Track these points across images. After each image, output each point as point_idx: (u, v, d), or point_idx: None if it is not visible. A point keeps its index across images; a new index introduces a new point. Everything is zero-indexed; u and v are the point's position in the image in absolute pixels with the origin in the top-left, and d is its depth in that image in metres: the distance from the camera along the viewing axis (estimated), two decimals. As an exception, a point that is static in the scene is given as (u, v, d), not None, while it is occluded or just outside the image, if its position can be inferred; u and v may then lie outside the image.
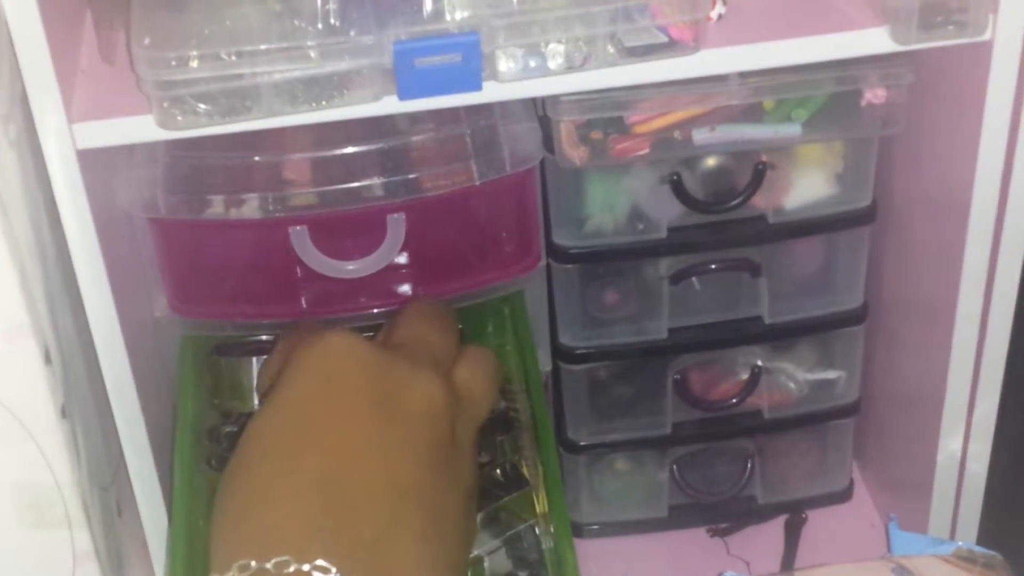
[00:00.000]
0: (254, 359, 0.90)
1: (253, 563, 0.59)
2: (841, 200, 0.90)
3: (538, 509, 0.83)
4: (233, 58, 0.68)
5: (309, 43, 0.68)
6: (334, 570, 0.58)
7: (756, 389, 0.97)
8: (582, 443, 0.99)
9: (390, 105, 0.71)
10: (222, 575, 0.59)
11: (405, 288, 0.90)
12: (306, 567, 0.58)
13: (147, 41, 0.68)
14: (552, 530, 0.82)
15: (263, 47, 0.68)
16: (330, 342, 0.66)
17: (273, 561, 0.59)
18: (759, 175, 0.88)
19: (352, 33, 0.68)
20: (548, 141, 0.85)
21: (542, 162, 0.87)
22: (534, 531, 0.82)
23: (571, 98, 0.81)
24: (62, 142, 0.71)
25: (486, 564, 0.82)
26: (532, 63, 0.71)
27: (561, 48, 0.71)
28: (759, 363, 0.96)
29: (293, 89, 0.69)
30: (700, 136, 0.84)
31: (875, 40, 0.74)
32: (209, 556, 0.61)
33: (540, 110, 0.85)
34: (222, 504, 0.63)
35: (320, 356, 0.65)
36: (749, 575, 0.98)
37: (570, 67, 0.71)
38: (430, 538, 0.62)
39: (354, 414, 0.63)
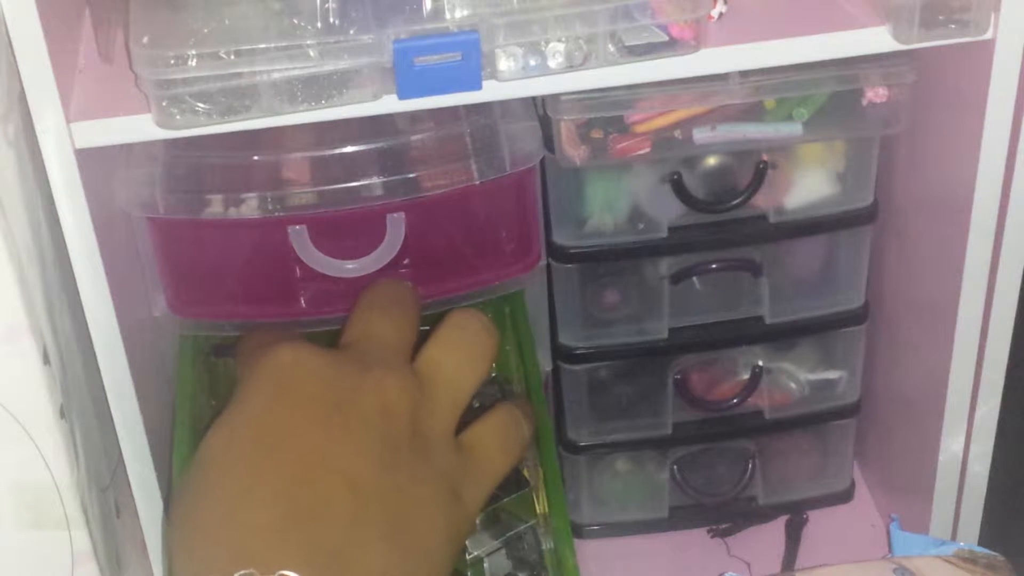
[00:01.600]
0: (252, 359, 0.90)
1: None
2: (842, 199, 0.90)
3: (538, 510, 0.83)
4: (232, 57, 0.68)
5: (308, 42, 0.68)
6: None
7: (757, 389, 0.97)
8: (582, 443, 0.99)
9: (390, 104, 0.71)
10: None
11: (405, 288, 0.90)
12: None
13: (146, 40, 0.67)
14: (552, 531, 0.81)
15: (262, 46, 0.68)
16: (279, 355, 0.66)
17: (238, 574, 0.58)
18: (760, 174, 0.87)
19: (351, 32, 0.68)
20: (548, 140, 0.84)
21: (542, 161, 0.87)
22: (534, 532, 0.82)
23: (571, 97, 0.80)
24: (60, 141, 0.70)
25: (486, 565, 0.82)
26: (532, 62, 0.71)
27: (561, 47, 0.70)
28: (760, 363, 0.96)
29: (292, 88, 0.69)
30: (701, 135, 0.84)
31: (876, 39, 0.74)
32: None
33: (540, 109, 0.85)
34: (182, 523, 0.63)
35: (272, 368, 0.66)
36: (750, 576, 0.99)
37: (570, 66, 0.71)
38: (397, 538, 0.62)
39: (309, 424, 0.64)
